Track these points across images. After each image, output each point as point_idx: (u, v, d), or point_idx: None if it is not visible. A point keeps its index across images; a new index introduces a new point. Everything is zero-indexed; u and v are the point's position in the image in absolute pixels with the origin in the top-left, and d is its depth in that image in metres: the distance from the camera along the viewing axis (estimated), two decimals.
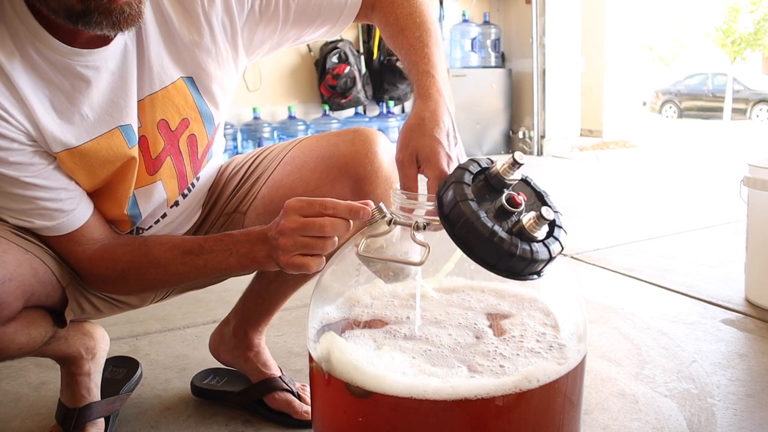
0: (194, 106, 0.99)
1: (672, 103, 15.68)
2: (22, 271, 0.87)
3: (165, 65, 0.94)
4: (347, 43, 4.96)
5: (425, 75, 0.90)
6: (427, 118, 0.82)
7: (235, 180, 1.15)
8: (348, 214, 0.81)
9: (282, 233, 0.83)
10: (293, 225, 0.82)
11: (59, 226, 0.91)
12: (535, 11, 5.57)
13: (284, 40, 1.05)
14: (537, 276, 0.72)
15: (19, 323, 0.89)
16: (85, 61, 0.86)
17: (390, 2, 1.02)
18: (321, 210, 0.81)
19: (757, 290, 1.78)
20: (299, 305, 1.78)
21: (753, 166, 1.74)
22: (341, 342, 0.75)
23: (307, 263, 0.83)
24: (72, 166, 0.90)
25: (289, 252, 0.83)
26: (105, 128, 0.91)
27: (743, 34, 16.13)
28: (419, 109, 0.85)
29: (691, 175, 4.55)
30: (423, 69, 0.91)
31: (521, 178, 0.77)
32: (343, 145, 1.04)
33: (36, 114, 0.84)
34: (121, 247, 0.96)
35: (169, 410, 1.27)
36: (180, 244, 0.94)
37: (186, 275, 0.95)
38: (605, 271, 2.18)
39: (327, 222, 0.81)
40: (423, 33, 0.96)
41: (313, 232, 0.81)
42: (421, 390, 0.68)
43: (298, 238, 0.82)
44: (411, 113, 0.85)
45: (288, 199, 0.85)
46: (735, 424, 1.17)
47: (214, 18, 0.95)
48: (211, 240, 0.93)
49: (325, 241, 0.82)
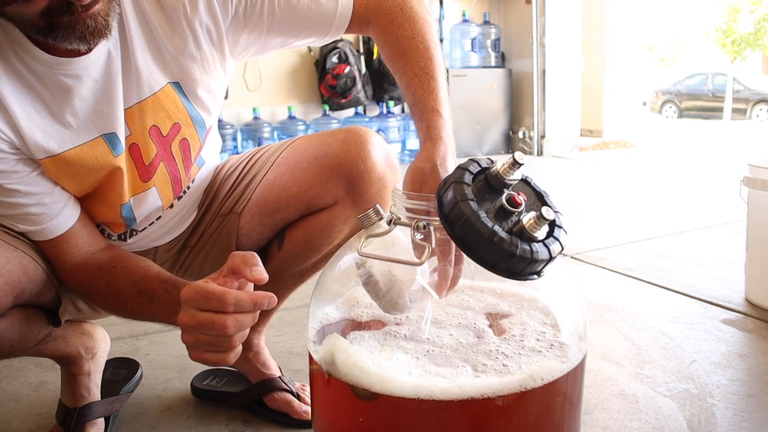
0: (184, 110, 0.98)
1: (672, 103, 15.68)
2: (11, 268, 0.87)
3: (152, 72, 0.93)
4: (347, 43, 4.96)
5: (433, 113, 0.86)
6: (438, 164, 0.80)
7: (230, 181, 1.14)
8: (253, 308, 0.73)
9: (182, 328, 0.76)
10: (191, 321, 0.74)
11: (43, 230, 0.92)
12: (535, 11, 5.57)
13: (269, 45, 1.03)
14: (537, 276, 0.72)
15: (10, 320, 0.90)
16: (65, 69, 0.86)
17: (389, 21, 0.96)
18: (220, 306, 0.72)
19: (757, 290, 1.78)
20: (299, 305, 1.78)
21: (753, 166, 1.73)
22: (345, 344, 0.75)
23: (222, 359, 0.76)
24: (56, 173, 0.90)
25: (194, 349, 0.76)
26: (88, 136, 0.91)
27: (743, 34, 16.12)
28: (430, 152, 0.82)
29: (691, 175, 4.55)
30: (431, 106, 0.86)
31: (521, 178, 0.77)
32: (336, 144, 1.03)
33: (18, 121, 0.85)
34: (92, 269, 0.93)
35: (169, 410, 1.27)
36: (140, 281, 0.89)
37: (140, 316, 0.91)
38: (605, 271, 2.18)
39: (229, 322, 0.72)
40: (427, 62, 0.91)
41: (215, 332, 0.73)
42: (428, 390, 0.68)
43: (199, 336, 0.74)
44: (420, 154, 0.82)
45: (232, 253, 0.78)
46: (735, 424, 1.17)
47: (197, 24, 0.93)
48: (162, 288, 0.87)
49: (231, 339, 0.74)
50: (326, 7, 0.98)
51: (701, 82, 15.48)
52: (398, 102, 5.25)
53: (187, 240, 1.15)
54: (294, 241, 1.10)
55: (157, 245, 1.13)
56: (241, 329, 0.74)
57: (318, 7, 0.98)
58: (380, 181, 1.03)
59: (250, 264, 0.75)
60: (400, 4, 0.97)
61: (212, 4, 0.93)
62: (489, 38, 5.68)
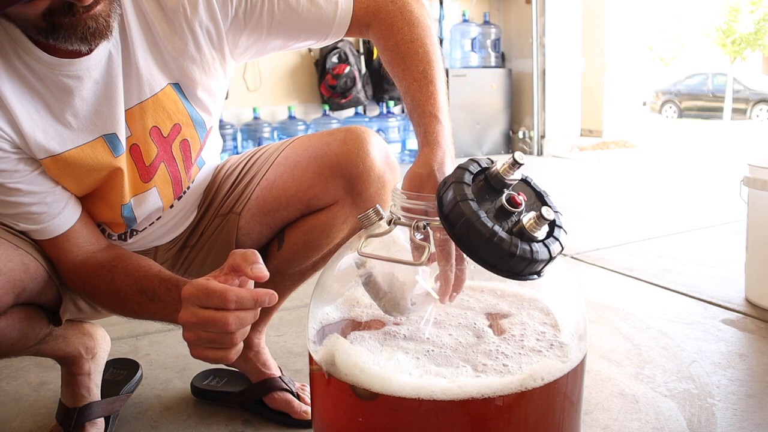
0: (185, 111, 0.99)
1: (672, 103, 15.69)
2: (12, 266, 0.87)
3: (153, 73, 0.93)
4: (347, 43, 4.96)
5: (432, 118, 0.86)
6: (436, 170, 0.80)
7: (229, 181, 1.15)
8: (254, 305, 0.74)
9: (183, 326, 0.76)
10: (192, 319, 0.74)
11: (44, 229, 0.92)
12: (535, 11, 5.58)
13: (269, 47, 1.03)
14: (537, 276, 0.72)
15: (11, 318, 0.90)
16: (66, 70, 0.86)
17: (389, 25, 0.96)
18: (221, 303, 0.72)
19: (757, 290, 1.78)
20: (299, 305, 1.78)
21: (753, 166, 1.74)
22: (346, 344, 0.75)
23: (224, 356, 0.76)
24: (57, 173, 0.91)
25: (196, 346, 0.76)
26: (89, 137, 0.91)
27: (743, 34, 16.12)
28: (427, 157, 0.82)
29: (691, 175, 4.55)
30: (429, 111, 0.86)
31: (521, 178, 0.77)
32: (335, 144, 1.03)
33: (19, 121, 0.85)
34: (93, 268, 0.94)
35: (169, 410, 1.27)
36: (141, 279, 0.89)
37: (141, 315, 0.91)
38: (605, 271, 2.18)
39: (231, 319, 0.72)
40: (426, 66, 0.90)
41: (216, 329, 0.73)
42: (428, 390, 0.68)
43: (200, 333, 0.75)
44: (418, 159, 0.82)
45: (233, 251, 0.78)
46: (735, 424, 1.17)
47: (197, 26, 0.93)
48: (163, 287, 0.87)
49: (233, 336, 0.74)
50: (326, 10, 0.98)
51: (701, 82, 15.48)
52: (398, 102, 5.25)
53: (187, 240, 1.16)
54: (294, 241, 1.10)
55: (158, 245, 1.13)
56: (243, 326, 0.74)
57: (318, 10, 0.98)
58: (379, 180, 1.03)
59: (251, 261, 0.76)
60: (400, 7, 0.97)
61: (212, 6, 0.93)
62: (489, 38, 5.68)
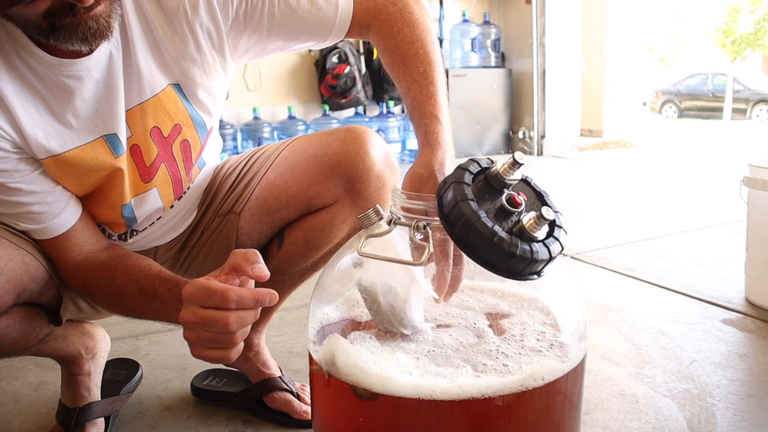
0: (185, 112, 0.99)
1: (672, 103, 15.68)
2: (13, 266, 0.87)
3: (153, 73, 0.93)
4: (347, 43, 4.96)
5: (432, 119, 0.86)
6: (436, 170, 0.80)
7: (229, 181, 1.15)
8: (255, 304, 0.74)
9: (183, 325, 0.76)
10: (192, 318, 0.74)
11: (45, 229, 0.92)
12: (535, 11, 5.58)
13: (269, 48, 1.03)
14: (537, 276, 0.72)
15: (12, 318, 0.90)
16: (67, 70, 0.86)
17: (389, 26, 0.96)
18: (222, 303, 0.72)
19: (757, 290, 1.78)
20: (299, 305, 1.78)
21: (753, 166, 1.74)
22: (346, 344, 0.75)
23: (224, 356, 0.76)
24: (58, 173, 0.91)
25: (196, 346, 0.76)
26: (89, 137, 0.91)
27: (743, 34, 16.12)
28: (428, 158, 0.82)
29: (691, 175, 4.55)
30: (429, 111, 0.87)
31: (521, 178, 0.77)
32: (335, 144, 1.03)
33: (20, 120, 0.85)
34: (93, 268, 0.94)
35: (169, 410, 1.27)
36: (141, 279, 0.89)
37: (141, 314, 0.91)
38: (605, 271, 2.18)
39: (231, 318, 0.72)
40: (427, 67, 0.91)
41: (217, 329, 0.73)
42: (429, 390, 0.68)
43: (201, 333, 0.75)
44: (418, 160, 0.83)
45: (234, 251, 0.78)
46: (735, 424, 1.17)
47: (197, 26, 0.93)
48: (164, 286, 0.87)
49: (233, 336, 0.74)
50: (326, 12, 0.98)
51: (701, 82, 15.48)
52: (398, 102, 5.25)
53: (187, 240, 1.16)
54: (293, 241, 1.10)
55: (158, 245, 1.13)
56: (243, 326, 0.74)
57: (318, 11, 0.98)
58: (379, 179, 1.03)
59: (252, 261, 0.76)
60: (400, 9, 0.97)
61: (213, 7, 0.93)
62: (489, 38, 5.68)
